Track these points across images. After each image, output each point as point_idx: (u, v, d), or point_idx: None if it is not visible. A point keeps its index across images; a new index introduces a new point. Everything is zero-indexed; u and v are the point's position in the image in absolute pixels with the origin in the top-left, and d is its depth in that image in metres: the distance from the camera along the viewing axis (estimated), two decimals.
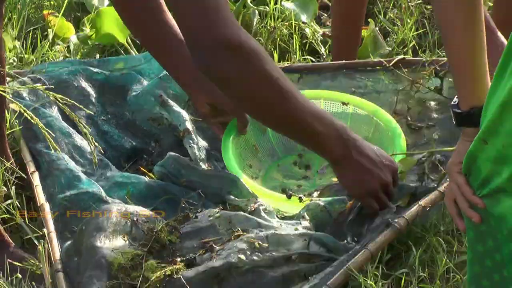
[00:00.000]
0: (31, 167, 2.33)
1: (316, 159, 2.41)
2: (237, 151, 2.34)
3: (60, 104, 2.06)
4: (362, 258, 1.91)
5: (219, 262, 1.91)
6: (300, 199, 2.15)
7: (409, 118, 2.48)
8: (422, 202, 2.03)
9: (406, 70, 2.59)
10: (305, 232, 1.99)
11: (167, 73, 2.50)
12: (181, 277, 1.89)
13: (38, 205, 2.23)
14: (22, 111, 2.03)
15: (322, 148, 1.98)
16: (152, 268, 1.93)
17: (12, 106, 2.35)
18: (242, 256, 1.91)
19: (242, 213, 2.05)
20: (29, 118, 2.01)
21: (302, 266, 1.93)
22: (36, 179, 2.29)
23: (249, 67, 1.86)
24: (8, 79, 2.47)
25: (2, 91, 2.07)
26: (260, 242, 1.94)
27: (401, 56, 2.73)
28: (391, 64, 2.63)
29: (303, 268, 1.93)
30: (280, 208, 2.17)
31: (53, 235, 2.12)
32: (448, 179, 1.72)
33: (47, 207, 2.21)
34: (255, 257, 1.92)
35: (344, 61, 2.74)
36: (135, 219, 2.04)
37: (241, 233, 1.98)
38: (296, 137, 2.07)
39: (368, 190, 1.99)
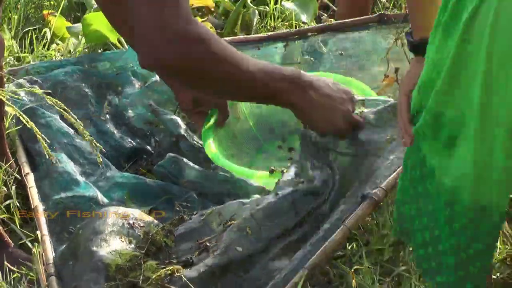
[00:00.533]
0: (25, 169, 2.33)
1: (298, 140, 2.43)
2: (219, 142, 2.35)
3: (59, 109, 2.06)
4: (340, 236, 1.89)
5: (217, 259, 1.90)
6: (282, 172, 2.16)
7: (398, 81, 2.48)
8: (400, 169, 1.98)
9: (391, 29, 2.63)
10: (286, 193, 2.01)
11: (153, 80, 2.54)
12: (182, 276, 1.88)
13: (32, 207, 2.22)
14: (18, 114, 2.03)
15: (284, 102, 2.04)
16: (152, 269, 1.93)
17: (9, 109, 2.35)
18: (239, 248, 1.92)
19: (232, 202, 2.06)
20: (25, 122, 2.01)
21: (293, 236, 1.94)
22: (30, 181, 2.29)
23: (197, 54, 1.88)
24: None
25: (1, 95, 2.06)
26: (249, 227, 1.94)
27: (381, 12, 2.76)
28: (373, 19, 2.69)
29: (294, 239, 1.95)
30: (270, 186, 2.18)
31: (46, 238, 2.11)
32: None
33: (40, 208, 2.21)
34: (251, 246, 1.92)
35: (328, 23, 2.78)
36: (131, 222, 2.04)
37: (230, 223, 1.98)
38: (258, 101, 2.12)
39: (335, 127, 2.05)
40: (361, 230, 2.06)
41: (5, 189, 2.31)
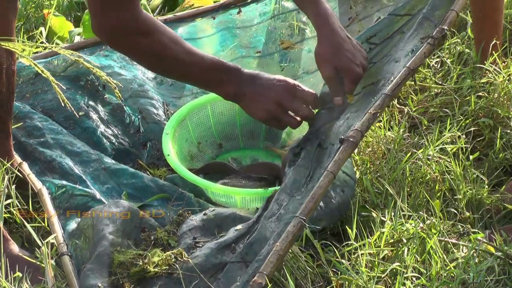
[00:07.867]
0: (17, 159, 2.35)
1: None
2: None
3: (94, 70, 2.11)
4: (327, 181, 1.94)
5: (229, 235, 1.98)
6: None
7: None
8: (372, 110, 2.04)
9: None
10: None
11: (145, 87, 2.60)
12: (192, 256, 1.96)
13: (36, 191, 2.25)
14: (33, 65, 2.05)
15: (224, 92, 2.20)
16: (158, 255, 1.97)
17: (22, 60, 2.37)
18: (239, 227, 2.01)
19: (229, 213, 2.11)
20: (40, 71, 2.03)
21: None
22: (26, 169, 2.32)
23: (142, 45, 2.06)
24: None
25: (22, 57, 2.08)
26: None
27: None
28: None
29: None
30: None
31: (55, 218, 2.16)
32: None
33: (45, 191, 2.24)
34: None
35: None
36: (138, 224, 2.08)
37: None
38: (201, 88, 2.38)
39: (268, 113, 2.19)
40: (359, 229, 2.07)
41: (6, 189, 2.31)
